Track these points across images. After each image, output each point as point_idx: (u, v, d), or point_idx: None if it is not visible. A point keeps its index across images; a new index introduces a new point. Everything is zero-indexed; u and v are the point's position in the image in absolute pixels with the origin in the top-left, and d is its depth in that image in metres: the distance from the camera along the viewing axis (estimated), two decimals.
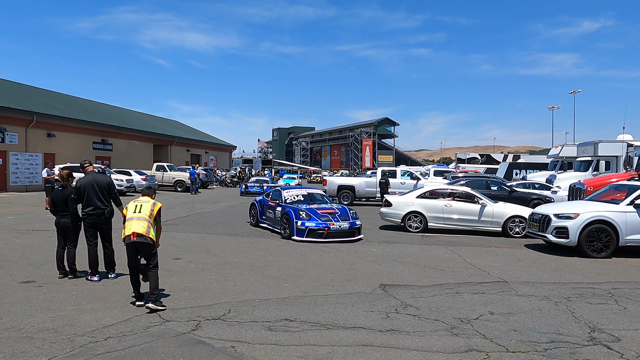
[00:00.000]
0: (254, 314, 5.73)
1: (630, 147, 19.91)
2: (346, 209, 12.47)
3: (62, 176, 7.41)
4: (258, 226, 13.85)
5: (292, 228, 11.44)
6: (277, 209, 12.64)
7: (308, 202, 12.72)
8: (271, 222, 13.13)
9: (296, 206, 12.19)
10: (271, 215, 13.06)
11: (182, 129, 61.97)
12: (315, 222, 11.38)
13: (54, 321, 5.33)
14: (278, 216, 12.42)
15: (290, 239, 11.43)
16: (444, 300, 6.57)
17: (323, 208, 12.19)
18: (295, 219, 11.45)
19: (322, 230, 11.33)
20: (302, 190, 13.67)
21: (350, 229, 11.66)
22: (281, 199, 12.91)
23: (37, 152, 29.66)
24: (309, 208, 12.00)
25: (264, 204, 13.78)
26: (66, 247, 7.33)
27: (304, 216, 11.49)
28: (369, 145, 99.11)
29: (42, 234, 11.70)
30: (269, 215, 13.28)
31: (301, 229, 11.33)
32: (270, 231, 12.99)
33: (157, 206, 6.25)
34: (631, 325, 5.59)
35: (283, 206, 12.40)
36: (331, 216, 11.70)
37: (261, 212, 13.84)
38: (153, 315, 5.61)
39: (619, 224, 9.99)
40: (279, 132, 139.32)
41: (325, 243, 11.06)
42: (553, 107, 61.09)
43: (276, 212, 12.63)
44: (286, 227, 11.73)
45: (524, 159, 41.43)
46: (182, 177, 32.45)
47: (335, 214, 11.85)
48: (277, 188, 14.12)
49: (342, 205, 13.52)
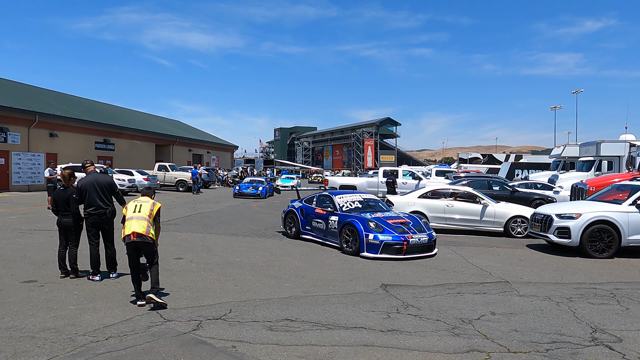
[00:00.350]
0: (255, 314, 5.73)
1: (632, 147, 19.86)
2: (416, 217, 10.69)
3: (64, 176, 7.43)
4: (299, 238, 11.76)
5: (362, 242, 9.50)
6: (331, 218, 10.72)
7: (367, 210, 10.81)
8: (320, 234, 11.12)
9: (359, 215, 10.23)
10: (321, 225, 11.05)
11: (184, 128, 62.04)
12: (390, 235, 9.42)
13: (55, 321, 5.34)
14: (334, 227, 10.51)
15: (358, 255, 9.55)
16: (446, 300, 6.56)
17: (392, 217, 10.30)
18: (364, 231, 9.54)
19: (400, 245, 9.36)
20: (356, 195, 11.73)
21: (429, 242, 9.79)
22: (334, 206, 10.98)
23: (40, 152, 29.73)
24: (376, 217, 10.07)
25: (307, 212, 11.67)
26: (68, 246, 7.34)
27: (374, 227, 9.56)
28: (371, 145, 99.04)
29: (44, 233, 11.73)
30: (316, 226, 11.27)
31: (374, 243, 9.37)
32: (319, 244, 10.99)
33: (156, 206, 6.31)
34: (633, 326, 5.57)
35: (341, 215, 10.51)
36: (405, 227, 9.85)
37: (304, 221, 11.71)
38: (154, 314, 5.62)
39: (621, 224, 9.96)
40: (281, 132, 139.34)
41: (400, 260, 9.26)
42: (555, 107, 60.97)
43: (330, 222, 10.69)
44: (350, 241, 9.87)
45: (526, 159, 41.33)
46: (184, 177, 32.49)
47: (408, 224, 10.02)
48: (323, 193, 12.15)
49: (408, 213, 11.51)
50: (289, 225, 12.20)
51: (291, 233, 12.04)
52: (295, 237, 11.82)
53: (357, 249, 9.63)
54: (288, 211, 12.31)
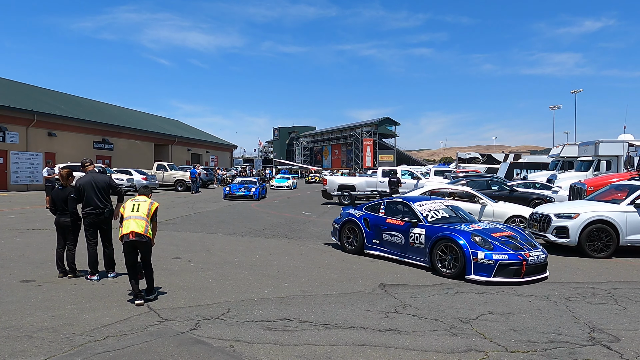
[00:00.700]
0: (253, 314, 5.72)
1: (631, 147, 19.88)
2: (519, 229, 8.97)
3: (62, 175, 7.42)
4: (362, 254, 9.66)
5: (468, 262, 7.62)
6: (413, 230, 8.72)
7: (457, 220, 9.03)
8: (396, 250, 9.05)
9: (455, 227, 8.35)
10: (397, 239, 9.02)
11: (183, 128, 62.01)
12: (505, 254, 7.62)
13: (53, 320, 5.33)
14: (418, 242, 8.55)
15: (463, 278, 7.66)
16: (444, 300, 6.56)
17: (494, 229, 8.43)
18: (470, 248, 7.66)
19: (518, 265, 7.57)
20: (437, 202, 9.66)
21: (544, 260, 8.09)
22: (414, 215, 8.99)
23: (38, 151, 29.68)
24: (478, 230, 8.15)
25: (375, 222, 9.55)
26: (66, 246, 7.33)
27: (482, 243, 7.70)
28: (370, 145, 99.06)
29: (42, 233, 11.71)
30: (389, 240, 9.18)
31: (486, 264, 7.51)
32: (396, 262, 8.92)
33: (154, 205, 6.40)
34: (631, 325, 5.58)
35: (429, 227, 8.55)
36: (515, 242, 8.06)
37: (370, 233, 9.57)
38: (152, 314, 5.61)
39: (620, 223, 9.97)
40: (280, 131, 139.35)
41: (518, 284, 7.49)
42: (554, 107, 61.07)
43: (412, 236, 8.70)
44: (447, 260, 7.95)
45: (525, 159, 41.40)
46: (182, 177, 32.46)
47: (516, 238, 8.21)
48: (394, 199, 10.13)
49: (509, 225, 9.86)
50: (346, 237, 10.11)
51: (351, 247, 9.94)
52: (358, 252, 9.76)
53: (460, 271, 7.71)
54: (345, 220, 10.20)
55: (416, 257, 8.64)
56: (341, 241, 10.26)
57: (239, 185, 26.42)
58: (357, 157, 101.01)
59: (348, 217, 10.21)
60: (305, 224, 15.13)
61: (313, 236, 12.40)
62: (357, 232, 9.84)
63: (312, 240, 11.70)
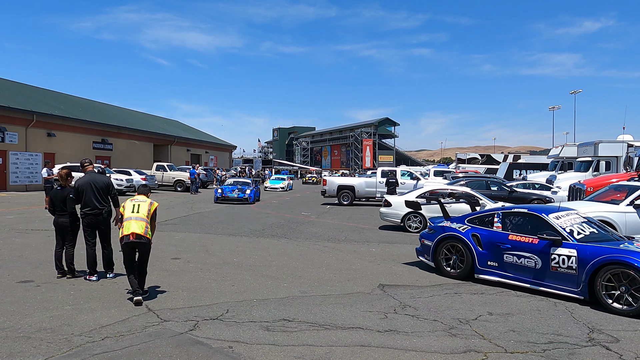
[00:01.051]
0: (252, 314, 5.72)
1: (630, 148, 19.88)
2: None
3: (61, 175, 7.42)
4: (472, 279, 7.68)
5: None
6: (556, 252, 6.74)
7: (608, 238, 7.15)
8: (528, 275, 7.06)
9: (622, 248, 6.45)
10: (529, 262, 7.02)
11: (182, 128, 61.99)
12: None
13: (51, 321, 5.32)
14: (568, 266, 6.59)
15: None
16: (443, 300, 6.56)
17: None
18: None
19: None
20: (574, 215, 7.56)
21: None
22: (553, 231, 6.98)
23: (37, 151, 29.66)
24: None
25: (492, 239, 7.53)
26: (65, 246, 7.32)
27: None
28: (370, 145, 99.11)
29: (41, 233, 11.70)
30: (516, 262, 7.17)
31: None
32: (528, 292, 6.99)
33: (153, 205, 6.44)
34: (630, 326, 5.58)
35: (584, 248, 6.59)
36: None
37: (484, 254, 7.55)
38: (151, 315, 5.60)
39: (619, 224, 9.96)
40: (280, 132, 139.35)
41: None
42: (554, 108, 61.13)
43: (555, 258, 6.74)
44: (620, 294, 6.06)
45: (524, 159, 41.41)
46: (182, 177, 32.45)
47: None
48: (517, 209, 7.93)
49: None
50: (446, 258, 8.10)
51: (455, 271, 7.89)
52: (466, 277, 7.73)
53: None
54: (444, 237, 8.11)
55: (562, 286, 6.69)
56: (437, 263, 8.18)
57: (232, 187, 23.98)
58: (357, 158, 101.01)
59: (449, 233, 8.07)
60: (305, 225, 15.12)
61: (312, 237, 12.39)
62: (464, 251, 7.78)
63: (311, 241, 11.68)
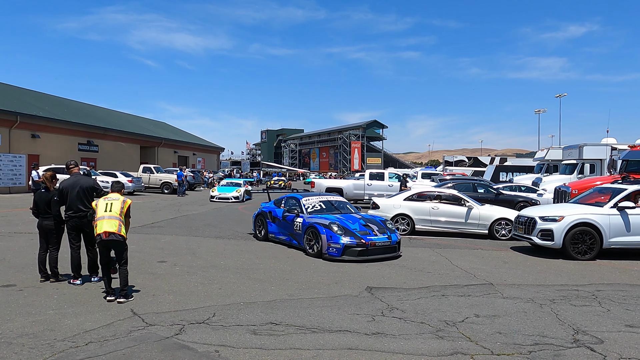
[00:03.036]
0: (239, 318, 5.67)
1: (614, 151, 20.20)
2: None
3: (46, 177, 7.32)
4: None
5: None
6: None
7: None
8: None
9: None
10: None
11: (169, 130, 61.53)
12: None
13: (33, 326, 5.22)
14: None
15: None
16: (430, 302, 6.57)
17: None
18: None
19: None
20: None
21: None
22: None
23: (21, 153, 29.18)
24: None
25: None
26: (48, 250, 7.22)
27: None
28: (358, 148, 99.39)
29: (24, 236, 11.50)
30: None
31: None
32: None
33: (126, 203, 6.48)
34: (614, 327, 5.64)
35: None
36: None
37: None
38: (136, 319, 5.53)
39: (603, 226, 10.09)
40: (268, 134, 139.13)
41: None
42: (539, 111, 61.86)
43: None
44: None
45: (511, 162, 41.79)
46: (169, 179, 32.20)
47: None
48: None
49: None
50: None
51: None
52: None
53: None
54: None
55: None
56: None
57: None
58: (345, 160, 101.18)
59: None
60: None
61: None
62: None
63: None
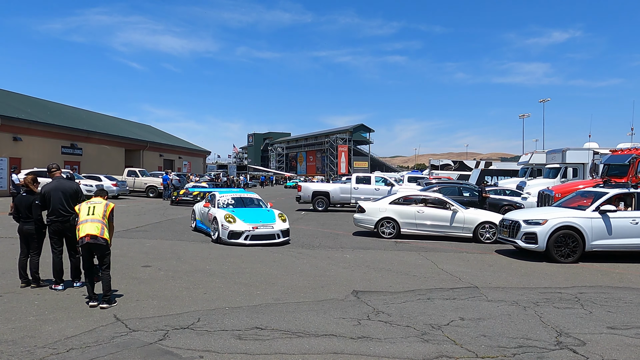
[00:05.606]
0: (224, 323, 5.63)
1: (596, 155, 20.53)
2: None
3: (28, 181, 7.18)
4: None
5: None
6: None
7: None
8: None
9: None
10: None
11: (155, 133, 60.98)
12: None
13: (13, 332, 5.12)
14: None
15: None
16: (416, 306, 6.60)
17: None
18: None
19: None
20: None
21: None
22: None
23: (2, 156, 28.63)
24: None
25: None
26: (29, 254, 7.08)
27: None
28: (345, 152, 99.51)
29: (4, 241, 11.28)
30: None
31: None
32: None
33: (109, 207, 6.44)
34: (596, 329, 5.72)
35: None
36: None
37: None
38: (119, 325, 5.45)
39: (585, 229, 10.24)
40: (255, 137, 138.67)
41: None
42: (524, 115, 62.58)
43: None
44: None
45: (496, 166, 42.20)
46: (154, 183, 31.88)
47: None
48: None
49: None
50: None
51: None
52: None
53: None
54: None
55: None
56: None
57: None
58: (332, 164, 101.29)
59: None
60: None
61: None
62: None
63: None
